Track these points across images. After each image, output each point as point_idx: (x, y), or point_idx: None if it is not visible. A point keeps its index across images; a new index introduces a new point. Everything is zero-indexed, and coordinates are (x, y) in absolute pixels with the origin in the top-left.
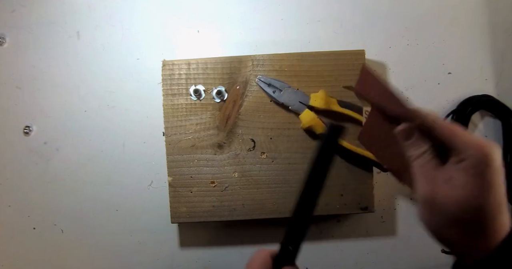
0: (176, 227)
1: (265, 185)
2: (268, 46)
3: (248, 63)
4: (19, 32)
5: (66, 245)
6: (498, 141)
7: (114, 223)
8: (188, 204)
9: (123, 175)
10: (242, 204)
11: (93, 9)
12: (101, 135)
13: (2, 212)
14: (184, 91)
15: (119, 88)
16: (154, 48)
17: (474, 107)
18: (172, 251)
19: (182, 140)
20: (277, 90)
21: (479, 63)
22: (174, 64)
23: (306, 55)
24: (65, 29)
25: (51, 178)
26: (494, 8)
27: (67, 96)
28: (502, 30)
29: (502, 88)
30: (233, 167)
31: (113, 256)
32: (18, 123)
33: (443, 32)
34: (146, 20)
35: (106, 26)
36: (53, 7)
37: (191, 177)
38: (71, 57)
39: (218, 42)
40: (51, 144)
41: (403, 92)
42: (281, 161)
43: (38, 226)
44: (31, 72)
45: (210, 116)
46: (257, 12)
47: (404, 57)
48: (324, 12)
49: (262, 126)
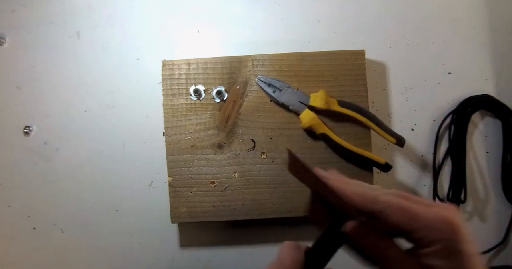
0: (176, 227)
1: (265, 185)
2: (268, 46)
3: (248, 63)
4: (19, 32)
5: (66, 245)
6: (498, 141)
7: (114, 223)
8: (188, 204)
9: (123, 175)
10: (242, 204)
11: (93, 9)
12: (101, 135)
13: (2, 212)
14: (184, 91)
15: (119, 88)
16: (154, 48)
17: (474, 107)
18: (172, 251)
19: (182, 140)
20: (277, 90)
21: (479, 63)
22: (174, 64)
23: (306, 55)
24: (65, 29)
25: (51, 178)
26: (494, 8)
27: (67, 96)
28: (502, 30)
29: (502, 88)
30: (233, 167)
31: (113, 256)
32: (18, 123)
33: (443, 32)
34: (146, 20)
35: (106, 26)
36: (53, 7)
37: (191, 177)
38: (71, 57)
39: (218, 42)
40: (51, 144)
41: (403, 92)
42: (281, 161)
43: (38, 226)
44: (31, 72)
45: (210, 116)
46: (257, 12)
47: (404, 57)
48: (324, 12)
49: (262, 126)
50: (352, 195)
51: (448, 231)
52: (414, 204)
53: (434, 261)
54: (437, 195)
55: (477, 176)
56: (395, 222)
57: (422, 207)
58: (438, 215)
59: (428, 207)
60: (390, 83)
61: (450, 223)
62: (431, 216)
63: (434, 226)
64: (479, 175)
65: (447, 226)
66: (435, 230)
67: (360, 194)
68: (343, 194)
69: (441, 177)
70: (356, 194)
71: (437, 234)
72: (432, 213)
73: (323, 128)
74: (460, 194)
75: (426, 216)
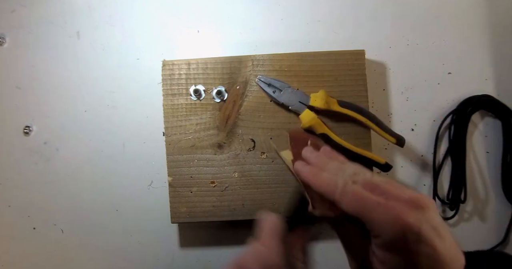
0: (176, 227)
1: (265, 185)
2: (268, 46)
3: (248, 63)
4: (19, 32)
5: (66, 245)
6: (498, 141)
7: (114, 223)
8: (188, 204)
9: (123, 175)
10: (242, 204)
11: (93, 9)
12: (101, 135)
13: (2, 212)
14: (184, 91)
15: (119, 88)
16: (154, 48)
17: (474, 107)
18: (172, 251)
19: (182, 140)
20: (277, 90)
21: (479, 63)
22: (174, 64)
23: (306, 55)
24: (65, 29)
25: (51, 178)
26: (494, 8)
27: (67, 96)
28: (502, 30)
29: (502, 88)
30: (233, 167)
31: (113, 256)
32: (18, 123)
33: (443, 32)
34: (146, 20)
35: (106, 26)
36: (53, 7)
37: (191, 177)
38: (71, 57)
39: (218, 42)
40: (51, 144)
41: (403, 92)
42: (281, 161)
43: (38, 226)
44: (31, 72)
45: (210, 116)
46: (257, 12)
47: (404, 57)
48: (324, 12)
49: (262, 126)
50: (318, 186)
51: (395, 230)
52: (376, 196)
53: (379, 251)
54: (437, 195)
55: (477, 176)
56: (349, 212)
57: (380, 200)
58: (389, 213)
59: (386, 201)
60: (390, 83)
61: (399, 224)
62: (380, 213)
63: (381, 222)
64: (479, 175)
65: (395, 226)
66: (381, 226)
67: (324, 184)
68: (312, 185)
69: (441, 177)
70: (320, 184)
71: (383, 230)
72: (384, 209)
73: (323, 128)
74: (460, 194)
75: (377, 212)
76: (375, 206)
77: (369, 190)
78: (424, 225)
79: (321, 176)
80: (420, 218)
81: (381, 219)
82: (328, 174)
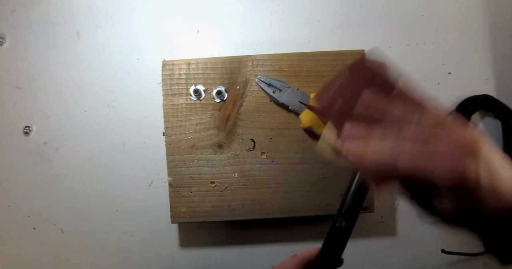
0: (176, 227)
1: (265, 185)
2: (268, 46)
3: (248, 63)
4: (19, 32)
5: (66, 245)
6: (498, 141)
7: (114, 223)
8: (188, 204)
9: (123, 175)
10: (242, 204)
11: (93, 9)
12: (101, 135)
13: (2, 212)
14: (184, 91)
15: (119, 88)
16: (154, 48)
17: (474, 107)
18: (172, 251)
19: (182, 140)
20: (277, 90)
21: (479, 63)
22: (174, 64)
23: (306, 55)
24: (65, 29)
25: (51, 178)
26: (494, 8)
27: (67, 96)
28: (502, 30)
29: (502, 88)
30: (233, 167)
31: (113, 256)
32: (18, 123)
33: (443, 32)
34: (146, 20)
35: (106, 26)
36: (53, 7)
37: (191, 177)
38: (71, 57)
39: (218, 42)
40: (51, 144)
41: None
42: (281, 161)
43: (38, 226)
44: (31, 72)
45: (210, 116)
46: (257, 12)
47: (404, 57)
48: (324, 12)
49: (262, 126)
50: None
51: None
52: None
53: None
54: None
55: None
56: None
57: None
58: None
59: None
60: None
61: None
62: (438, 165)
63: (439, 176)
64: None
65: (453, 178)
66: (440, 179)
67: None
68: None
69: None
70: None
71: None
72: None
73: (323, 128)
74: None
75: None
76: (430, 161)
77: (421, 143)
78: (481, 170)
79: (367, 153)
80: (475, 163)
81: (439, 173)
82: (375, 145)
